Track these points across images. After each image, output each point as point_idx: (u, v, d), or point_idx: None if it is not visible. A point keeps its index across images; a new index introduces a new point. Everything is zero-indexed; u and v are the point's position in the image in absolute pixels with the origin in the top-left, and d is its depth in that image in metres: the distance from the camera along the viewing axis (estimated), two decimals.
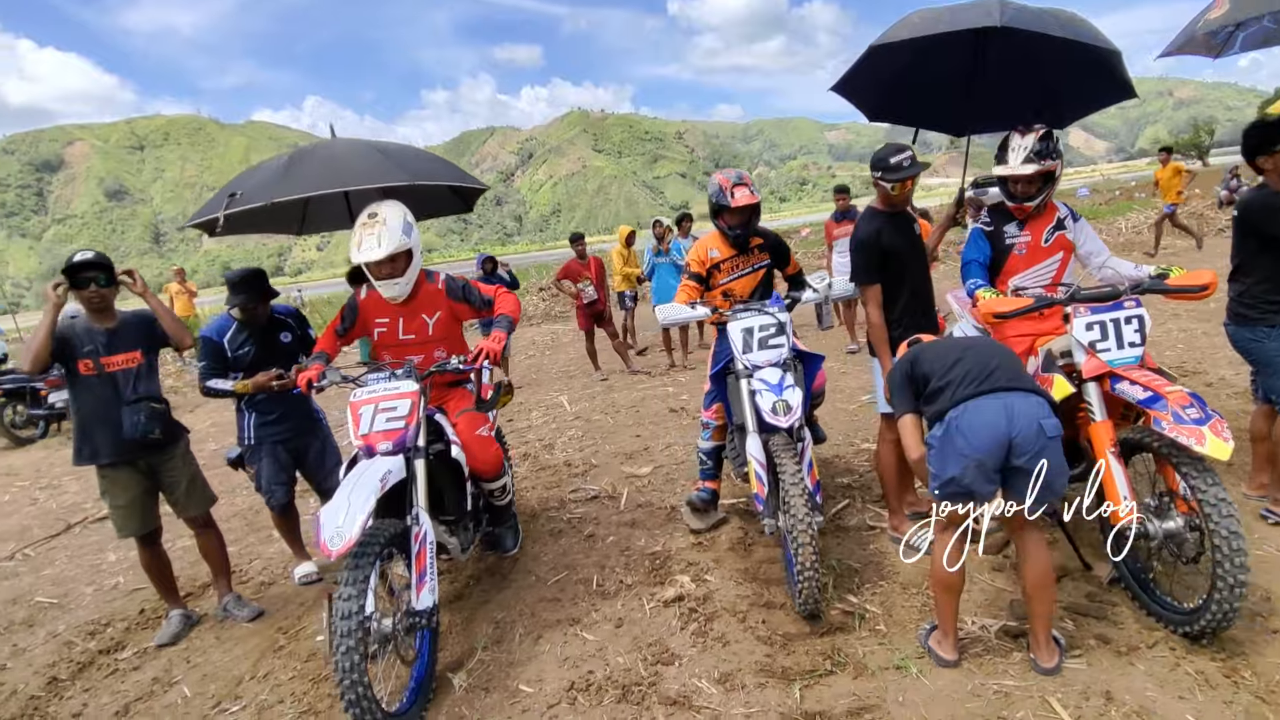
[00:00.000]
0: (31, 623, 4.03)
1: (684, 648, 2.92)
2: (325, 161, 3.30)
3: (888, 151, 3.33)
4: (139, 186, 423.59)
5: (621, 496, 4.69)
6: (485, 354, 3.01)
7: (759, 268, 3.87)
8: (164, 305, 3.50)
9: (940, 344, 2.79)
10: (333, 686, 2.96)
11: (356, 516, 2.41)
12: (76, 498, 6.44)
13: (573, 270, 8.50)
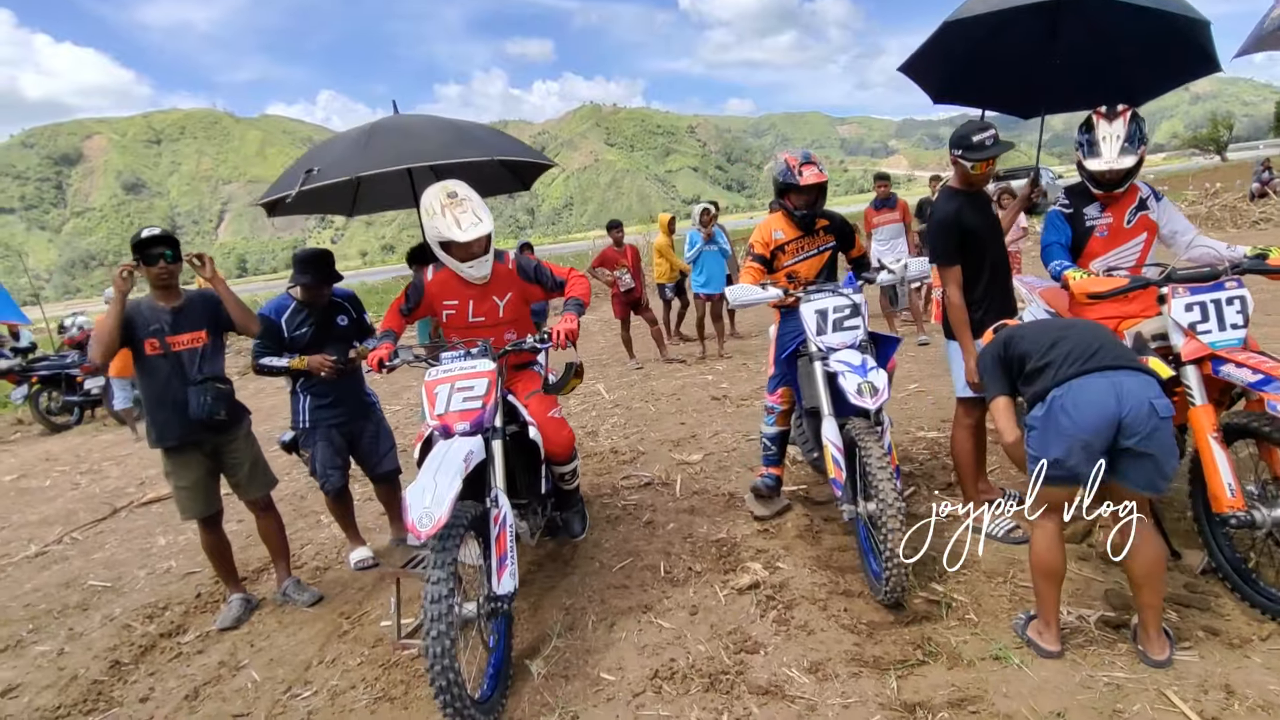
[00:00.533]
0: (85, 606, 4.00)
1: (767, 636, 2.83)
2: (403, 136, 3.24)
3: (970, 129, 3.21)
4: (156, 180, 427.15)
5: (675, 483, 4.60)
6: (563, 334, 2.93)
7: (824, 249, 3.77)
8: (231, 292, 3.42)
9: (1037, 324, 2.68)
10: (404, 672, 2.91)
11: (445, 496, 2.34)
12: (119, 482, 6.43)
13: (609, 258, 8.37)
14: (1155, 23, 3.25)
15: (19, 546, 5.06)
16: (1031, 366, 2.46)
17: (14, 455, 8.19)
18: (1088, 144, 2.99)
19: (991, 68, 3.93)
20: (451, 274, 3.18)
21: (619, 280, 8.21)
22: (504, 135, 3.67)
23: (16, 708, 3.07)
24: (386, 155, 3.09)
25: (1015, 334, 2.63)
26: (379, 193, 4.12)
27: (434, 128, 3.32)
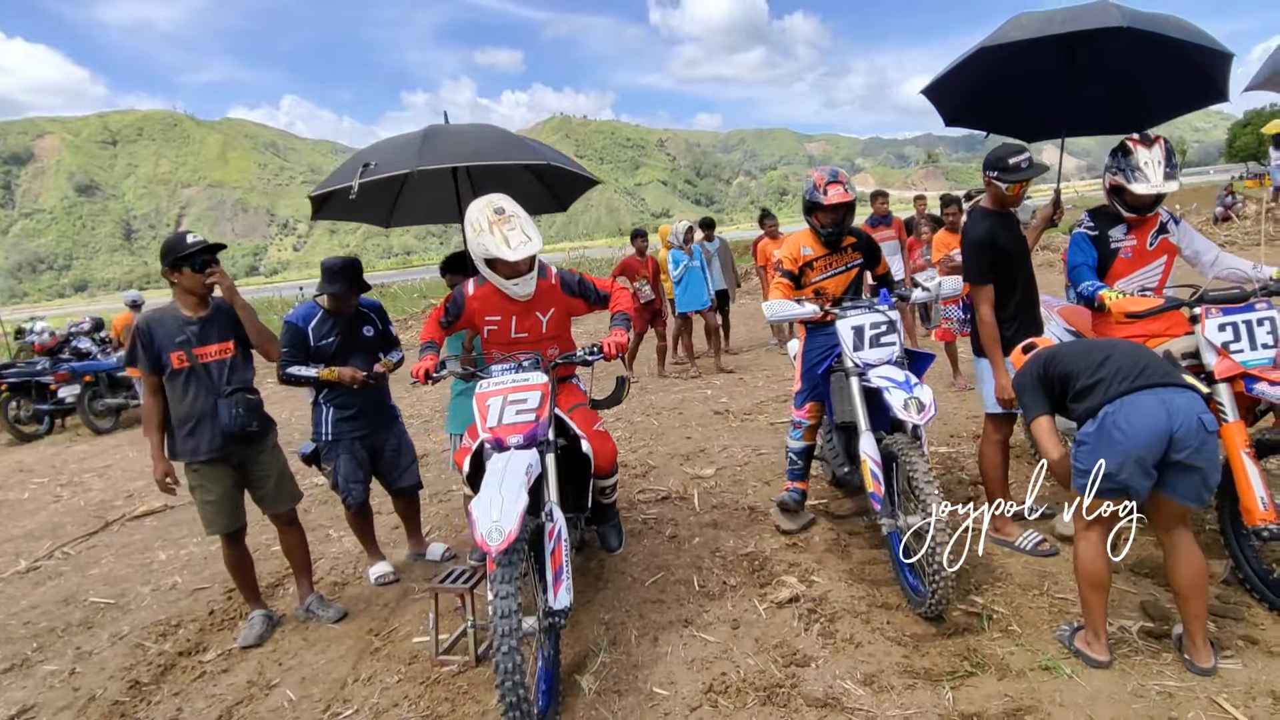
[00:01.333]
0: (90, 624, 3.86)
1: (814, 649, 2.85)
2: (460, 139, 3.24)
3: (1006, 152, 3.30)
4: (110, 182, 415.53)
5: (693, 498, 4.61)
6: (614, 347, 2.93)
7: (851, 267, 3.83)
8: (251, 312, 3.36)
9: (1077, 345, 2.77)
10: (447, 689, 2.87)
11: (513, 511, 2.32)
12: (104, 495, 6.22)
13: (631, 267, 8.15)
14: (1174, 52, 3.38)
15: (7, 562, 4.86)
16: (1081, 385, 2.52)
17: None
18: (1130, 169, 3.09)
19: (1003, 94, 4.06)
20: (494, 289, 3.14)
21: (639, 291, 8.03)
22: (551, 149, 3.67)
23: None
24: (443, 154, 3.10)
25: (1056, 354, 2.70)
26: (420, 202, 4.08)
27: (490, 132, 3.35)
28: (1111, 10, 3.21)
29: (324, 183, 3.36)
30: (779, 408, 6.56)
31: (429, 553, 4.14)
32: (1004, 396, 3.31)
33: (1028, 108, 4.14)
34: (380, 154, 3.23)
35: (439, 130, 3.29)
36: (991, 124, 4.25)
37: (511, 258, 2.90)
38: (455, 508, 4.95)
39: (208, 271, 3.15)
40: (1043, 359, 2.73)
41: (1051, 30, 3.30)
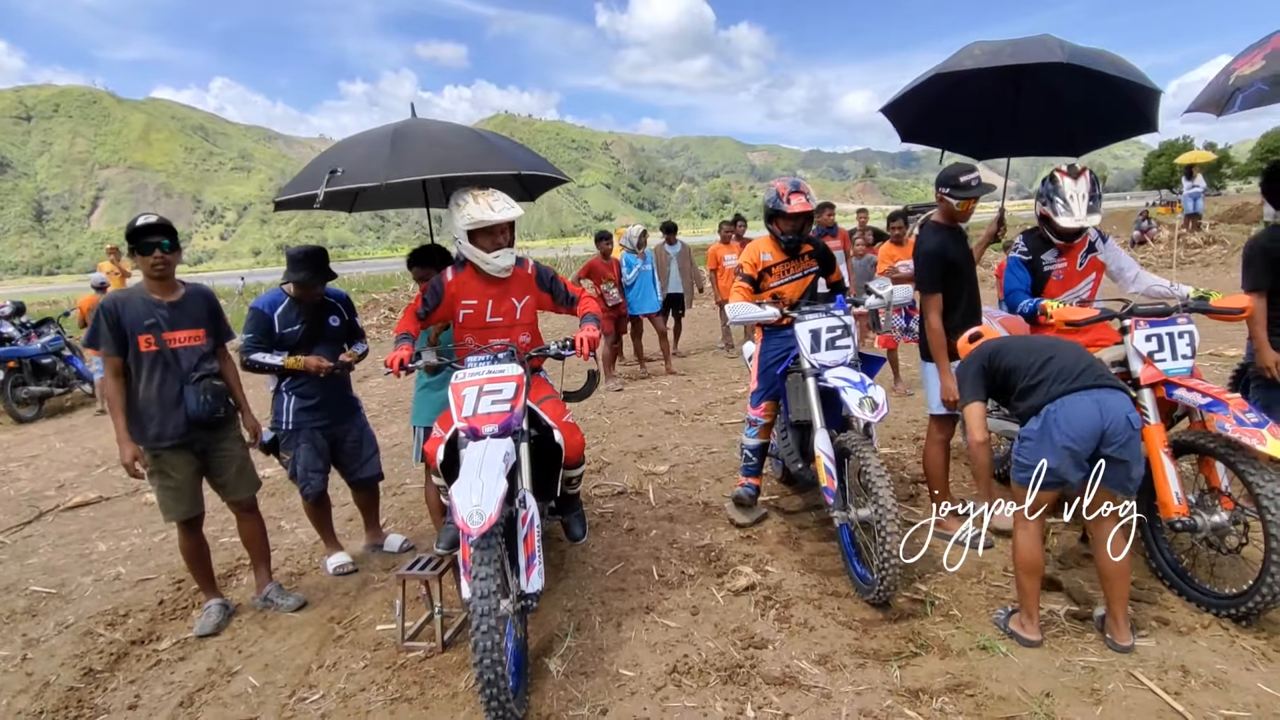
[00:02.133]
0: (34, 612, 3.73)
1: (771, 633, 3.01)
2: (431, 143, 3.25)
3: (957, 170, 3.55)
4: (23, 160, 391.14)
5: (648, 493, 4.74)
6: (587, 343, 3.04)
7: (808, 273, 4.02)
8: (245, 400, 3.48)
9: (1021, 341, 2.97)
10: (414, 674, 2.91)
11: (493, 494, 2.40)
12: (33, 484, 5.95)
13: (597, 270, 8.09)
14: (1108, 86, 3.69)
15: None
16: (1024, 384, 2.75)
17: None
18: (1058, 201, 3.37)
19: (953, 115, 4.34)
20: (471, 275, 3.27)
21: (606, 294, 8.00)
22: (522, 148, 3.73)
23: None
24: (415, 163, 3.10)
25: (1001, 348, 2.92)
26: (381, 193, 4.07)
27: (460, 137, 3.34)
28: (1053, 46, 3.49)
29: (288, 187, 3.34)
30: (728, 409, 6.76)
31: (387, 544, 4.15)
32: (948, 399, 3.54)
33: (977, 128, 4.43)
34: (347, 158, 3.22)
35: (408, 132, 3.28)
36: (944, 141, 4.52)
37: (495, 218, 3.08)
38: (411, 500, 4.95)
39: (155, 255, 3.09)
40: (988, 351, 2.95)
41: (1000, 61, 3.56)
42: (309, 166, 3.30)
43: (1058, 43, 3.53)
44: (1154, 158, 60.58)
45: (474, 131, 3.44)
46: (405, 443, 6.33)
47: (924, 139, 4.54)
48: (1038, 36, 3.67)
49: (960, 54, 3.72)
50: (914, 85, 3.92)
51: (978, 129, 4.41)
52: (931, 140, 4.55)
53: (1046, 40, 3.57)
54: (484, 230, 3.18)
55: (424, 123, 3.47)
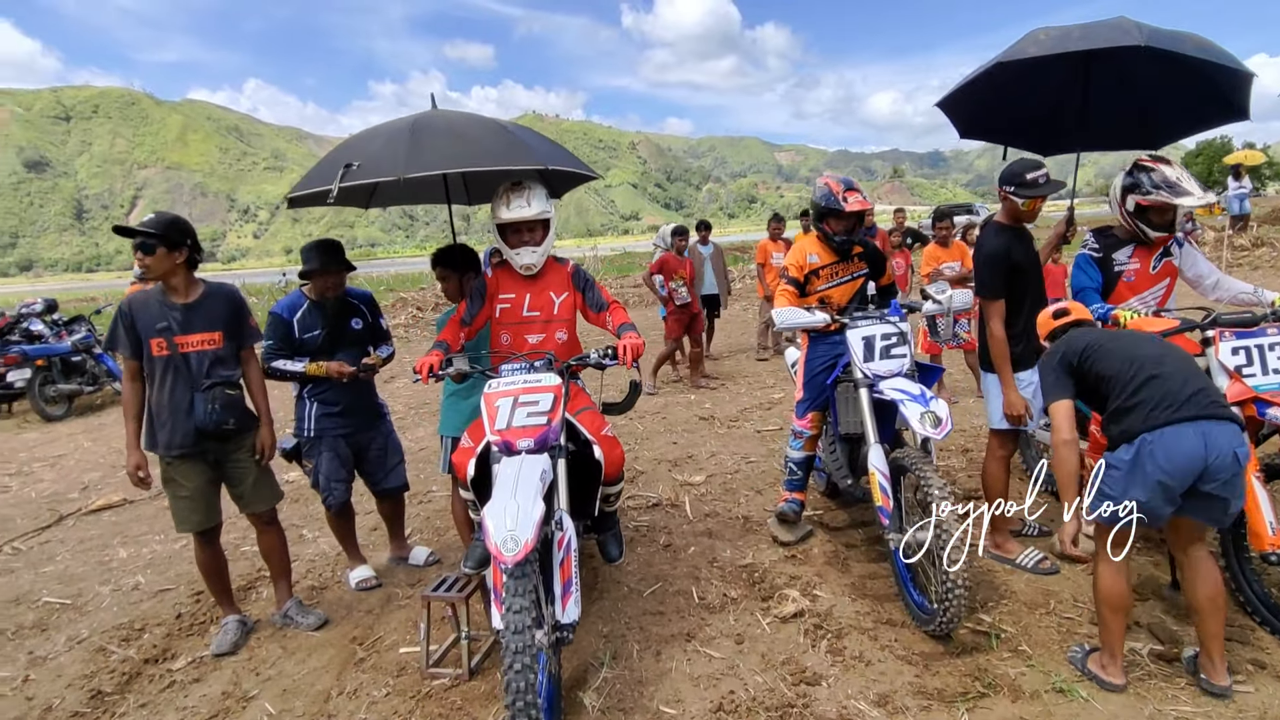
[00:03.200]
0: (44, 626, 3.61)
1: (823, 667, 2.77)
2: (452, 136, 3.06)
3: (1023, 167, 3.27)
4: (62, 159, 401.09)
5: (684, 505, 4.51)
6: (630, 350, 2.82)
7: (857, 276, 3.78)
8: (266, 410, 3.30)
9: (1125, 345, 2.55)
10: (439, 705, 2.72)
11: (529, 519, 2.19)
12: (56, 486, 5.88)
13: (670, 266, 7.51)
14: (1193, 71, 3.38)
15: None
16: (1119, 404, 2.44)
17: None
18: (1167, 185, 3.07)
19: (1016, 108, 4.05)
20: (509, 268, 3.23)
21: (675, 292, 7.47)
22: (549, 141, 3.52)
23: None
24: (434, 157, 2.92)
25: (1099, 347, 2.56)
26: (400, 188, 3.90)
27: (482, 130, 3.16)
28: (1130, 28, 3.20)
29: (302, 182, 3.17)
30: (764, 415, 6.51)
31: (412, 556, 3.98)
32: (1012, 413, 3.27)
33: (1043, 122, 4.13)
34: (364, 151, 3.04)
35: (427, 123, 3.11)
36: (1006, 137, 4.22)
37: (509, 216, 3.04)
38: (437, 509, 4.78)
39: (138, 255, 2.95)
40: (1080, 347, 2.59)
41: (1069, 47, 3.28)
42: (324, 160, 3.12)
43: (1134, 24, 3.23)
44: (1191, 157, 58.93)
45: (497, 124, 3.25)
46: (432, 447, 6.17)
47: (984, 134, 4.26)
48: (1111, 19, 3.38)
49: (1025, 41, 3.44)
50: (973, 77, 3.64)
51: (1043, 122, 4.11)
52: (992, 136, 4.27)
53: (1121, 22, 3.28)
54: (511, 227, 3.10)
55: (445, 114, 3.28)
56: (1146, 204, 3.12)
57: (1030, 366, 3.36)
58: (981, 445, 5.14)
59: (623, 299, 17.19)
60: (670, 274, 7.51)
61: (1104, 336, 2.63)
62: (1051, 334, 2.85)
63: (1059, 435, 2.53)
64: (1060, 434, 2.52)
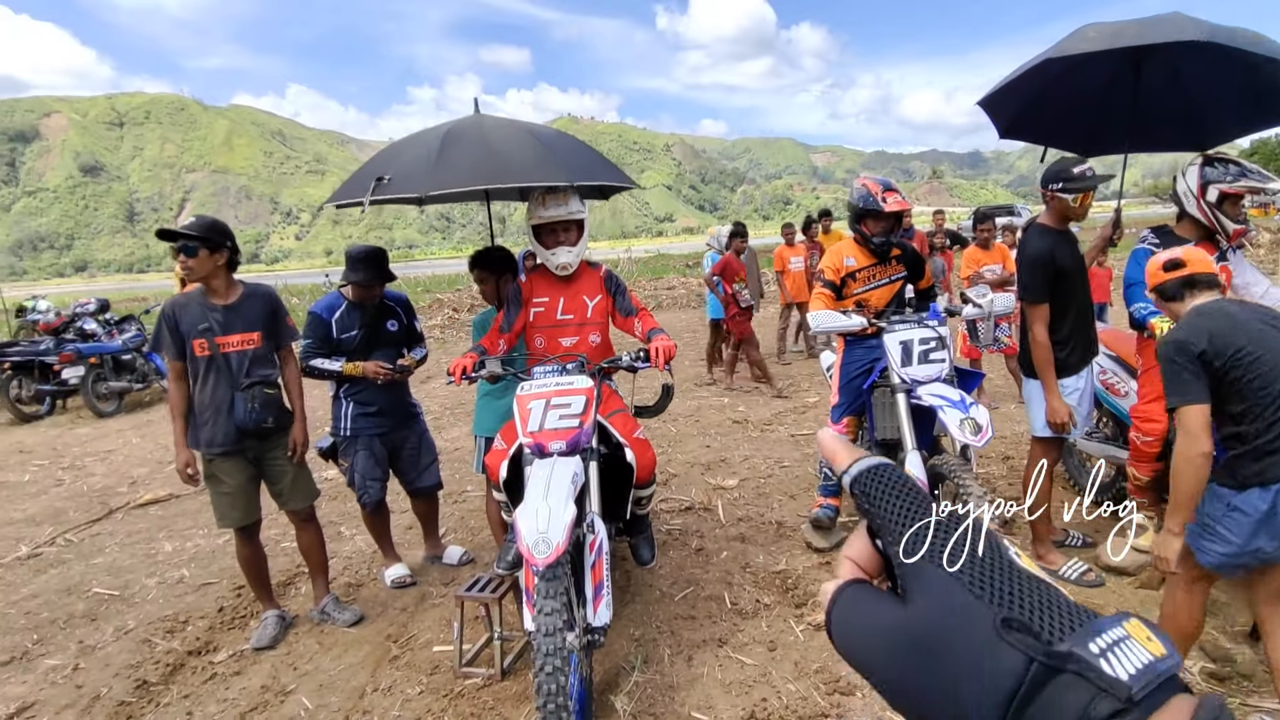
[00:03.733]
0: (94, 616, 3.72)
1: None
2: (482, 149, 3.10)
3: (1068, 163, 3.19)
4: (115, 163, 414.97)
5: (717, 509, 4.48)
6: (662, 352, 2.82)
7: (896, 279, 3.72)
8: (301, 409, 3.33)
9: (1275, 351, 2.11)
10: (471, 704, 2.74)
11: (561, 522, 2.19)
12: (107, 480, 6.07)
13: (731, 268, 7.31)
14: (1252, 68, 3.26)
15: (8, 547, 4.71)
16: (1262, 440, 2.08)
17: None
18: (1253, 173, 2.97)
19: (1064, 105, 3.94)
20: (542, 273, 3.23)
21: (739, 295, 7.24)
22: (588, 151, 3.53)
23: None
24: (459, 172, 2.96)
25: (1252, 357, 2.09)
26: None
27: (514, 143, 3.17)
28: (1185, 23, 3.10)
29: (339, 191, 3.24)
30: (798, 419, 6.44)
31: (446, 555, 4.01)
32: (1055, 420, 3.19)
33: (1089, 121, 4.02)
34: (396, 162, 3.10)
35: (459, 134, 3.16)
36: (1050, 137, 4.12)
37: (542, 216, 3.06)
38: (471, 509, 4.82)
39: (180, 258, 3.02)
40: (1229, 348, 2.11)
41: (1121, 43, 3.18)
42: (361, 169, 3.19)
43: (1189, 19, 3.13)
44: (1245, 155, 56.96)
45: (531, 135, 3.25)
46: (466, 447, 6.23)
47: (1027, 134, 4.15)
48: (1166, 14, 3.27)
49: (1073, 37, 3.34)
50: (1018, 74, 3.55)
51: (1089, 122, 3.99)
52: (1033, 136, 4.16)
53: (1176, 18, 3.17)
54: (547, 227, 3.12)
55: (480, 122, 3.30)
56: (1233, 192, 3.00)
57: (1075, 372, 3.27)
58: (1023, 453, 5.03)
59: (656, 301, 17.19)
60: (732, 276, 7.32)
61: (1257, 339, 2.13)
62: (1162, 289, 2.44)
63: (1197, 446, 2.11)
64: (1198, 444, 2.11)
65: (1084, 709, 0.31)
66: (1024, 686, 0.33)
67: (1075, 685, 0.32)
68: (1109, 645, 0.33)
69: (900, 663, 0.37)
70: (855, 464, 0.45)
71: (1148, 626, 0.35)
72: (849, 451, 0.47)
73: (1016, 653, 0.34)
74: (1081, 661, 0.32)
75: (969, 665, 0.35)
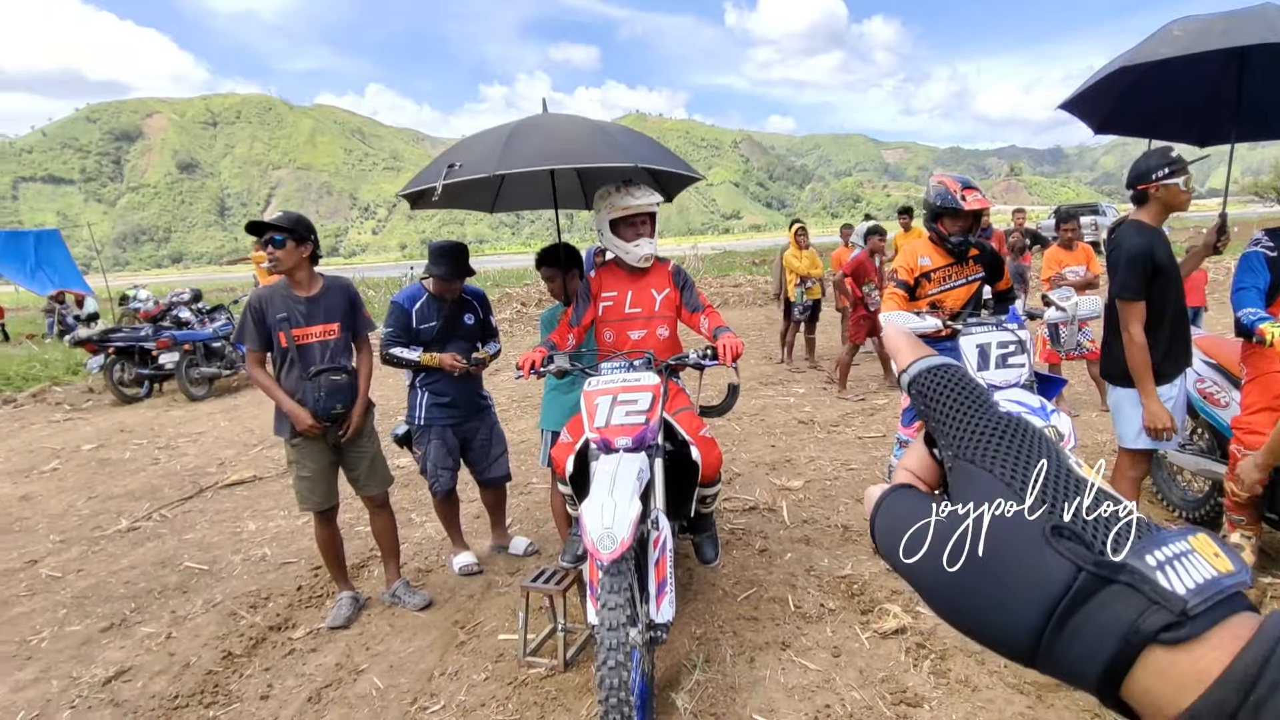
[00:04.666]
0: (185, 589, 3.94)
1: (926, 689, 2.65)
2: (546, 137, 3.18)
3: (1162, 150, 3.01)
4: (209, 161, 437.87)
5: (781, 510, 4.43)
6: (730, 349, 2.80)
7: (973, 280, 3.60)
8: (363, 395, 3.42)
9: None
10: (534, 693, 2.78)
11: (626, 517, 2.21)
12: (197, 460, 6.42)
13: (865, 268, 7.01)
14: None
15: (109, 520, 5.04)
16: None
17: (89, 424, 8.26)
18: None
19: (1164, 96, 3.74)
20: (611, 268, 3.27)
21: (869, 297, 6.92)
22: (651, 143, 3.55)
23: (132, 692, 3.00)
24: (525, 155, 3.03)
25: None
26: (522, 192, 4.08)
27: (578, 130, 3.24)
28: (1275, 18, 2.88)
29: (413, 181, 3.35)
30: (866, 421, 6.30)
31: (512, 546, 4.09)
32: (1155, 425, 3.00)
33: (1196, 109, 3.80)
34: (467, 153, 3.20)
35: (527, 127, 3.24)
36: (1152, 128, 3.90)
37: (634, 203, 3.10)
38: (536, 501, 4.90)
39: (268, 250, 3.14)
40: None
41: (1206, 46, 2.97)
42: (433, 162, 3.30)
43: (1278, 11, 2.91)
44: None
45: (596, 126, 3.31)
46: (532, 440, 6.33)
47: (1122, 128, 3.94)
48: (1255, 6, 3.05)
49: (1156, 40, 3.16)
50: (1100, 78, 3.38)
51: (1194, 110, 3.77)
52: (1132, 128, 3.95)
53: (1266, 11, 2.95)
54: (625, 220, 3.14)
55: (546, 118, 3.39)
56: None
57: (1169, 380, 3.09)
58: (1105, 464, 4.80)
59: (722, 298, 17.09)
60: (863, 277, 7.04)
61: None
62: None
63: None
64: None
65: (1133, 621, 0.30)
66: (1069, 595, 0.32)
67: (1125, 596, 0.31)
68: (1169, 559, 0.31)
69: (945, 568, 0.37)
70: (916, 363, 0.44)
71: (1216, 543, 0.33)
72: (913, 349, 0.45)
73: (1065, 561, 0.33)
74: (1135, 573, 0.31)
75: (1014, 573, 0.34)
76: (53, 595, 3.91)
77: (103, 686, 3.03)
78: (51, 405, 9.46)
